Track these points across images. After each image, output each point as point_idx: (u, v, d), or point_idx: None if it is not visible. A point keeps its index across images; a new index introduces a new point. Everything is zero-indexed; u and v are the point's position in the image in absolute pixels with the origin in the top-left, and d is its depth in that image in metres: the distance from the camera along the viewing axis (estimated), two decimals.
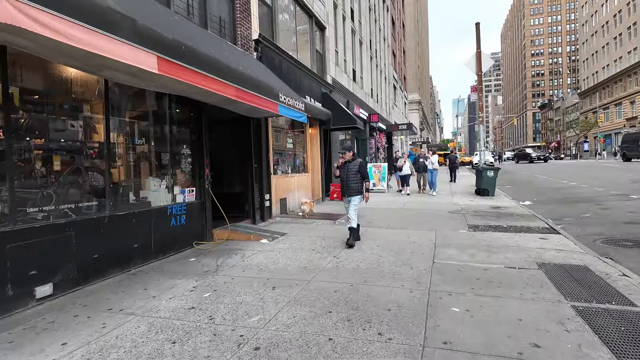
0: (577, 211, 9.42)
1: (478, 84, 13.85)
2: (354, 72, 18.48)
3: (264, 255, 5.70)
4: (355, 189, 6.24)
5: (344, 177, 6.31)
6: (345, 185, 6.33)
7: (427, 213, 9.48)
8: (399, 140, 38.13)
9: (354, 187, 6.26)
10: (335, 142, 14.97)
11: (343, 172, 6.33)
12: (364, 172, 6.26)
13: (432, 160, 13.63)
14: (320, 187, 12.62)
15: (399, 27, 39.27)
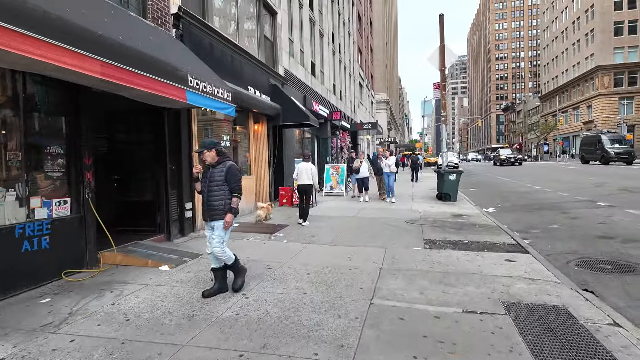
0: (544, 220, 8.52)
1: (441, 81, 12.88)
2: (312, 65, 17.14)
3: (150, 293, 4.22)
4: (220, 209, 4.06)
5: (205, 189, 4.12)
6: (205, 203, 4.12)
7: (382, 223, 8.27)
8: (365, 140, 37.26)
9: (217, 205, 4.05)
10: (289, 141, 13.56)
11: (204, 183, 4.14)
12: (233, 181, 4.09)
13: (389, 163, 11.93)
14: (268, 192, 11.18)
15: (366, 24, 38.37)
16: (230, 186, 4.09)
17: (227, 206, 4.07)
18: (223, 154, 4.21)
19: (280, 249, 6.17)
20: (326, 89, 19.65)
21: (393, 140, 67.97)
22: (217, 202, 4.06)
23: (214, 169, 4.13)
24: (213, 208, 4.07)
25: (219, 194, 4.07)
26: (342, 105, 24.34)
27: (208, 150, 4.11)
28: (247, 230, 7.63)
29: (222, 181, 4.08)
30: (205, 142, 4.21)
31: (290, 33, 14.06)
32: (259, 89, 10.52)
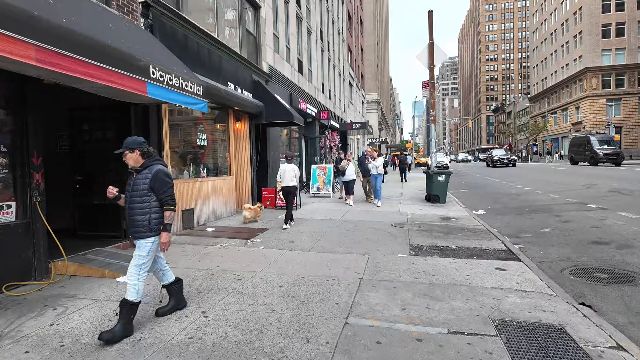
0: (535, 224, 8.19)
1: (430, 79, 12.53)
2: (299, 62, 16.68)
3: (98, 310, 3.73)
4: (144, 224, 3.23)
5: (127, 198, 3.32)
6: (127, 217, 3.32)
7: (367, 227, 7.85)
8: (356, 140, 36.94)
9: (140, 221, 3.23)
10: (274, 141, 13.08)
11: (127, 193, 3.34)
12: (161, 190, 3.26)
13: (376, 164, 11.28)
14: (250, 193, 10.69)
15: (356, 23, 38.04)
16: (159, 197, 3.26)
17: (153, 222, 3.25)
18: (150, 155, 3.36)
19: (255, 256, 5.71)
20: (314, 88, 19.21)
21: (384, 140, 67.89)
22: (139, 216, 3.23)
23: (138, 175, 3.30)
24: (134, 223, 3.25)
25: (142, 206, 3.24)
26: (331, 105, 23.94)
27: (129, 152, 3.27)
28: (223, 234, 7.15)
29: (146, 190, 3.25)
30: (127, 141, 3.32)
31: (275, 28, 13.59)
32: (241, 85, 10.04)
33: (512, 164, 36.84)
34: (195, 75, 6.22)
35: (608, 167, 27.67)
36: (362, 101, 42.33)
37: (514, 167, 35.23)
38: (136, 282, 3.25)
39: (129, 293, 3.23)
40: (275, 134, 13.13)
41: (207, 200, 8.34)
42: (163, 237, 3.32)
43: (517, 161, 38.13)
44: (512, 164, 37.08)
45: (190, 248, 6.21)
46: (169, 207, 3.32)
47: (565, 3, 56.70)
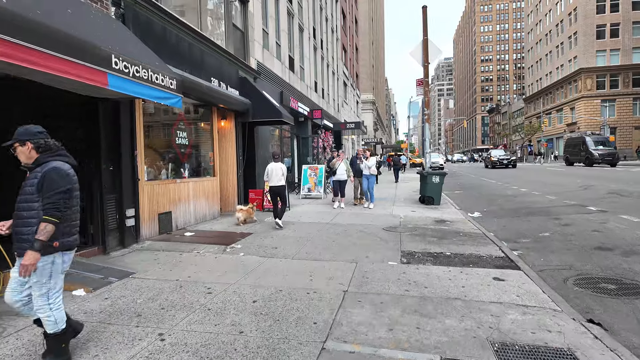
0: (534, 227, 7.80)
1: (424, 77, 12.12)
2: (291, 60, 16.22)
3: (40, 331, 3.24)
4: (27, 238, 2.49)
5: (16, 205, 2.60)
6: (13, 227, 2.60)
7: (357, 231, 7.41)
8: (350, 140, 36.54)
9: (24, 233, 2.51)
10: (263, 140, 12.62)
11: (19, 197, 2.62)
12: (48, 193, 2.49)
13: (369, 164, 10.59)
14: (236, 194, 10.22)
15: (351, 22, 37.65)
16: (44, 202, 2.48)
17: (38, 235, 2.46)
18: (48, 150, 2.63)
19: (232, 264, 5.24)
20: (306, 86, 18.77)
21: (379, 141, 67.60)
22: (25, 227, 2.51)
23: (30, 175, 2.61)
24: (18, 237, 2.53)
25: (30, 214, 2.52)
26: (325, 104, 23.50)
27: (20, 144, 2.58)
28: (202, 240, 6.67)
29: (34, 194, 2.53)
30: (18, 131, 2.61)
31: (265, 24, 13.13)
32: (226, 81, 9.56)
33: (512, 165, 34.02)
34: (168, 68, 5.75)
35: (604, 168, 27.46)
36: (356, 101, 41.96)
37: (514, 168, 33.27)
38: (50, 313, 2.62)
39: (47, 326, 2.64)
40: (265, 133, 12.66)
41: (187, 202, 7.86)
42: (27, 257, 2.41)
43: (517, 162, 34.33)
44: (513, 164, 34.11)
45: (164, 255, 5.73)
46: (46, 218, 2.45)
47: (560, 4, 56.73)
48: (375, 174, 11.19)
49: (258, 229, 7.77)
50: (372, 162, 10.83)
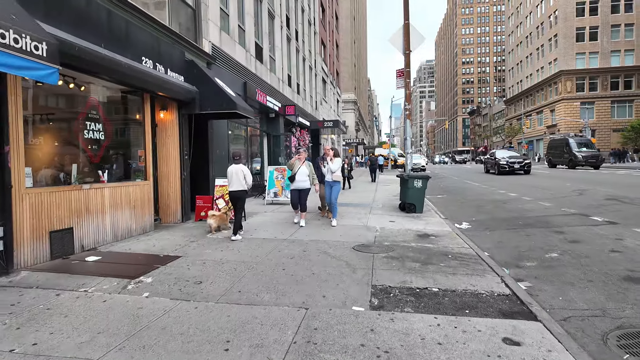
0: (536, 245, 6.36)
1: (405, 67, 10.64)
2: (258, 48, 14.52)
3: None
4: None
5: None
6: None
7: (319, 252, 5.79)
8: (330, 140, 35.04)
9: None
10: (220, 136, 10.90)
11: None
12: None
13: (332, 168, 8.18)
14: (179, 202, 8.46)
15: (331, 17, 36.16)
16: None
17: None
18: None
19: (119, 316, 3.53)
20: (278, 79, 17.09)
21: (361, 141, 66.46)
22: None
23: None
24: None
25: None
26: (301, 100, 21.88)
27: None
28: (104, 269, 4.91)
29: None
30: None
31: (224, 3, 11.39)
32: (165, 64, 7.80)
33: (524, 170, 24.13)
34: (39, 27, 3.99)
35: (587, 170, 26.78)
36: (337, 99, 40.48)
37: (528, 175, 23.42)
38: None
39: None
40: (222, 129, 10.93)
41: (101, 214, 6.07)
42: None
43: (529, 165, 25.08)
44: (526, 169, 24.14)
45: (30, 296, 3.97)
46: None
47: (540, 6, 56.84)
48: (341, 181, 8.65)
49: (193, 248, 6.06)
50: (336, 165, 8.29)
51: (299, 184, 8.12)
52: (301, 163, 8.19)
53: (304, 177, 8.13)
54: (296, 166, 8.16)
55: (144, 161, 7.34)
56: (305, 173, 8.17)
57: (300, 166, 8.14)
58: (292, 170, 8.18)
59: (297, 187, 8.16)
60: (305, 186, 8.13)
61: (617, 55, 49.03)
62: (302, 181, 8.12)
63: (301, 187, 8.12)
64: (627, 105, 48.99)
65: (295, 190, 8.21)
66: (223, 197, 8.37)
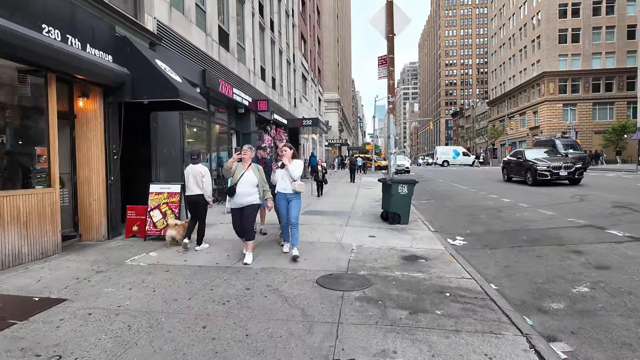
0: (554, 272, 4.91)
1: (388, 53, 9.14)
2: (223, 33, 12.82)
3: None
4: None
5: None
6: None
7: (268, 290, 4.18)
8: (311, 140, 33.47)
9: None
10: (169, 131, 9.18)
11: None
12: None
13: (292, 174, 5.47)
14: (104, 213, 6.70)
15: (312, 11, 34.62)
16: None
17: None
18: None
19: None
20: (249, 71, 15.40)
21: (344, 142, 65.16)
22: None
23: None
24: None
25: None
26: (277, 96, 20.22)
27: None
28: None
29: None
30: None
31: None
32: (84, 38, 6.06)
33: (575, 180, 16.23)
34: None
35: None
36: (319, 98, 38.95)
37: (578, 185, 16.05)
38: None
39: None
40: (172, 122, 9.20)
41: None
42: None
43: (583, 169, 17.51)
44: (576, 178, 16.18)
45: None
46: None
47: (523, 8, 56.70)
48: (303, 191, 5.68)
49: (90, 285, 4.35)
50: (296, 169, 5.51)
51: (242, 198, 5.27)
52: (246, 167, 5.38)
53: (249, 189, 5.28)
54: (238, 171, 5.33)
55: (45, 162, 5.57)
56: (252, 182, 5.31)
57: (245, 171, 5.33)
58: (232, 177, 5.36)
59: (238, 204, 5.32)
60: (251, 202, 5.32)
61: (598, 57, 49.12)
62: (247, 194, 5.27)
63: (245, 203, 5.29)
64: (608, 108, 49.13)
65: (236, 209, 5.37)
66: (159, 208, 6.66)
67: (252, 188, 5.33)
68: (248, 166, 5.40)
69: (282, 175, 5.55)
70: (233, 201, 5.38)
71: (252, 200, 5.36)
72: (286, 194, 5.57)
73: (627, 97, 47.53)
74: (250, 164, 5.43)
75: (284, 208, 5.62)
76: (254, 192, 5.37)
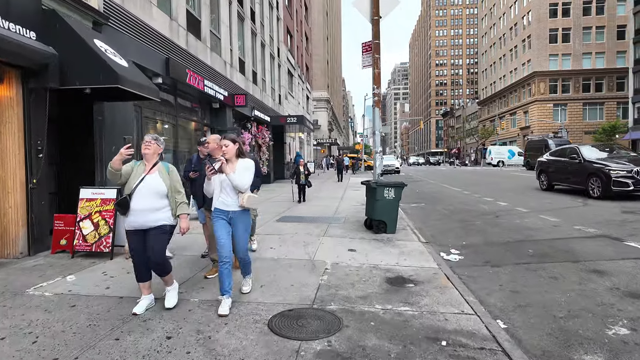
0: (580, 303, 3.87)
1: (373, 39, 8.05)
2: (192, 19, 11.61)
3: None
4: None
5: None
6: None
7: (195, 348, 3.05)
8: (297, 139, 32.32)
9: None
10: (120, 125, 7.95)
11: None
12: None
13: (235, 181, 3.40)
14: (25, 224, 5.47)
15: (299, 6, 33.47)
16: None
17: None
18: None
19: None
20: (225, 62, 14.19)
21: (334, 141, 64.12)
22: None
23: None
24: None
25: None
26: (259, 92, 19.03)
27: None
28: None
29: None
30: None
31: None
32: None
33: None
34: None
35: None
36: (306, 96, 37.79)
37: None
38: None
39: None
40: (124, 115, 7.97)
41: None
42: None
43: None
44: None
45: None
46: None
47: (514, 7, 56.36)
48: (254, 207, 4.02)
49: None
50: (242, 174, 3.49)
51: (143, 216, 3.42)
52: (149, 168, 3.51)
53: (153, 201, 3.44)
54: (136, 175, 3.47)
55: None
56: (158, 191, 3.47)
57: (146, 175, 3.47)
58: (126, 184, 3.50)
59: (137, 225, 3.44)
60: (157, 221, 3.45)
61: (588, 57, 48.92)
62: (149, 209, 3.42)
63: (149, 223, 3.43)
64: (598, 108, 48.97)
65: (132, 231, 3.47)
66: (91, 217, 5.45)
67: (159, 200, 3.45)
68: (153, 166, 3.51)
69: (222, 183, 3.55)
70: (128, 221, 3.45)
71: (160, 220, 3.44)
72: (228, 211, 3.55)
73: (617, 97, 47.43)
74: (156, 163, 3.55)
75: (223, 234, 3.52)
76: (163, 207, 3.48)
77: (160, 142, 3.61)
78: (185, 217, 3.63)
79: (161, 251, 3.49)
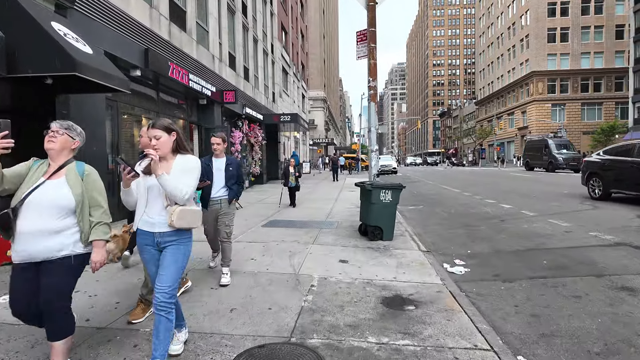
0: (617, 333, 3.19)
1: (368, 27, 7.36)
2: (176, 9, 10.87)
3: None
4: None
5: None
6: None
7: None
8: (292, 138, 31.60)
9: None
10: (91, 123, 7.24)
11: None
12: None
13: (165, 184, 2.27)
14: None
15: (295, 3, 32.75)
16: None
17: None
18: None
19: None
20: (213, 57, 13.46)
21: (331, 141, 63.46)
22: None
23: None
24: None
25: None
26: (250, 89, 18.31)
27: None
28: None
29: None
30: None
31: None
32: None
33: None
34: None
35: (569, 174, 24.71)
36: (302, 94, 37.07)
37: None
38: None
39: None
40: (93, 108, 7.25)
41: None
42: None
43: None
44: None
45: None
46: None
47: (512, 6, 55.90)
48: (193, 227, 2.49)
49: None
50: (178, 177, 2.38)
51: (33, 243, 2.20)
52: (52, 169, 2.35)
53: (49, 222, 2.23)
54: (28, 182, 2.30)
55: None
56: (60, 205, 2.27)
57: (47, 180, 2.30)
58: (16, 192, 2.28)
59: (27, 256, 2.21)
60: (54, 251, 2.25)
61: (587, 57, 48.51)
62: (43, 233, 2.21)
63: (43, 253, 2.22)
64: (597, 108, 48.57)
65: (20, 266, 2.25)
66: None
67: (59, 218, 2.27)
68: (59, 168, 2.34)
69: (149, 190, 2.46)
70: (14, 249, 2.22)
71: (61, 248, 2.27)
72: (153, 233, 2.43)
73: (616, 97, 47.05)
74: (65, 164, 2.37)
75: (150, 263, 2.50)
76: (65, 228, 2.28)
77: (74, 132, 2.40)
78: (102, 245, 2.35)
79: (63, 297, 2.25)
